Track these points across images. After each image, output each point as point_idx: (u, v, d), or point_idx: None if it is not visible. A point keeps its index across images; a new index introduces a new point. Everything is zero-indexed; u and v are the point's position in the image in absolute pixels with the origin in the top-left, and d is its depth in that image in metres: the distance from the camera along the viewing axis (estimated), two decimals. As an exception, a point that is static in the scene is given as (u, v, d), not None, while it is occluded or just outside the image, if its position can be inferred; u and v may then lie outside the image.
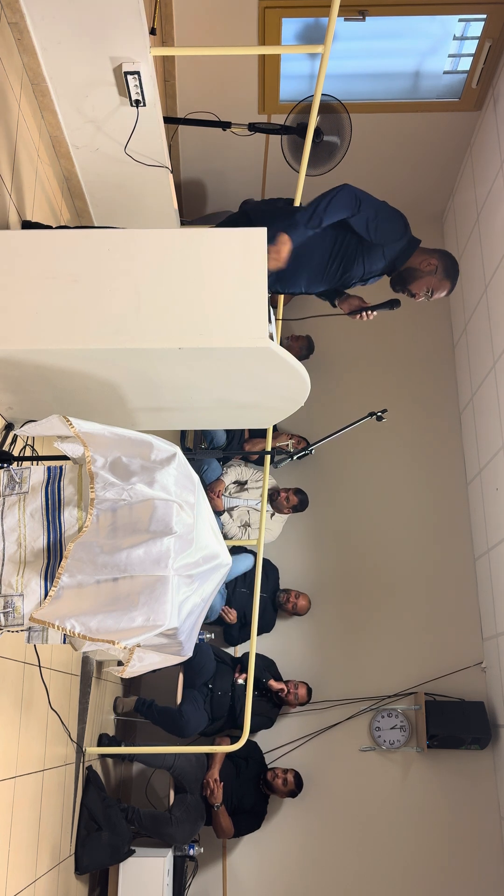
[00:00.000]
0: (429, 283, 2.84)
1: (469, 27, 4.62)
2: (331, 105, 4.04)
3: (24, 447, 2.84)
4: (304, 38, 4.70)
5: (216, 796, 4.22)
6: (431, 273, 2.83)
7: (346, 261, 2.85)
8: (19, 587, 2.05)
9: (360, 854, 4.69)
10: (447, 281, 2.86)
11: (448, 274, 2.86)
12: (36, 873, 2.93)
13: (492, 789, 4.76)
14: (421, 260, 2.85)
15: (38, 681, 2.92)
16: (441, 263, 2.85)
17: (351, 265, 2.85)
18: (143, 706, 4.34)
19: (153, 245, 2.40)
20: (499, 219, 4.74)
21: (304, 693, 4.66)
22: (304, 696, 4.67)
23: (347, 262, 2.85)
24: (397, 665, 5.01)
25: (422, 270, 2.84)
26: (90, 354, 2.35)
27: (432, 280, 2.84)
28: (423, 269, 2.84)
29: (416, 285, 2.86)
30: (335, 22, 2.84)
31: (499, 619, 4.73)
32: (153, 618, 1.92)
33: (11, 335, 2.31)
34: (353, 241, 2.82)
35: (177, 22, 4.49)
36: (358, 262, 2.85)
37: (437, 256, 2.87)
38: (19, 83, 3.02)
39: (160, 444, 2.17)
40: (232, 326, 2.34)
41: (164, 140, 3.43)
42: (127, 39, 2.91)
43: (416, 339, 5.80)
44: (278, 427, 5.25)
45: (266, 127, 4.24)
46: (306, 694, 4.67)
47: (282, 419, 3.08)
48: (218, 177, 5.60)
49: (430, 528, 5.34)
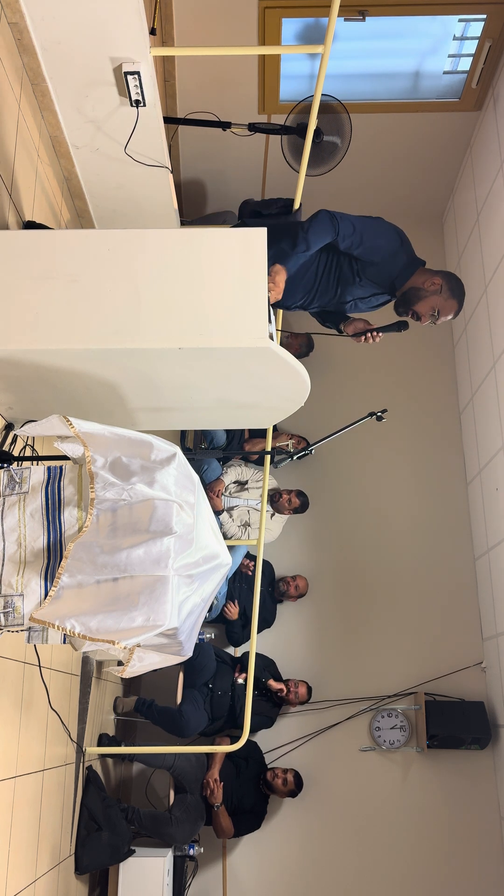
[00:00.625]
0: (434, 304, 2.77)
1: (469, 27, 4.62)
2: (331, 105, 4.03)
3: (24, 447, 2.84)
4: (304, 38, 4.70)
5: (216, 796, 4.22)
6: (436, 293, 2.76)
7: (341, 279, 2.82)
8: (19, 587, 2.05)
9: (360, 854, 4.69)
10: (453, 300, 2.78)
11: (454, 293, 2.78)
12: (36, 873, 2.94)
13: (492, 789, 4.77)
14: (424, 280, 2.79)
15: (38, 681, 2.92)
16: (446, 283, 2.78)
17: (348, 283, 2.82)
18: (143, 706, 4.35)
19: (153, 245, 2.40)
20: (499, 219, 4.74)
21: (304, 692, 4.66)
22: (305, 695, 4.67)
23: (343, 279, 2.82)
24: (397, 665, 5.01)
25: (426, 290, 2.77)
26: (90, 354, 2.35)
27: (437, 300, 2.76)
28: (427, 288, 2.77)
29: (421, 306, 2.78)
30: (335, 22, 2.83)
31: (499, 619, 4.73)
32: (153, 618, 1.92)
33: (11, 335, 2.31)
34: (346, 259, 2.80)
35: (177, 22, 4.49)
36: (354, 280, 2.81)
37: (442, 276, 2.80)
38: (19, 83, 3.02)
39: (160, 444, 2.17)
40: (232, 326, 2.34)
41: (164, 140, 3.43)
42: (127, 39, 2.91)
43: (416, 340, 5.80)
44: (278, 427, 5.25)
45: (266, 127, 4.24)
46: (306, 692, 4.68)
47: (282, 419, 3.08)
48: (218, 177, 5.60)
49: (430, 528, 5.34)
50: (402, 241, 2.81)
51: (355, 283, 2.83)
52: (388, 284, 2.83)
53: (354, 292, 2.87)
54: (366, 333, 2.89)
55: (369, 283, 2.84)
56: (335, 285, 2.84)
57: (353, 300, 2.91)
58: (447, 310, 2.79)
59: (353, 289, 2.86)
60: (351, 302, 2.92)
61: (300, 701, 4.67)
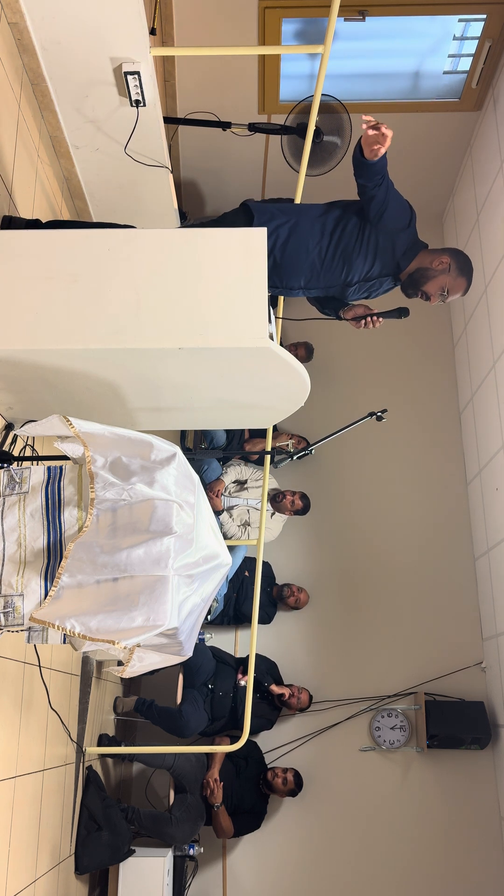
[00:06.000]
0: (443, 283, 2.71)
1: (469, 27, 4.62)
2: (331, 105, 4.04)
3: (24, 447, 2.84)
4: (304, 38, 4.70)
5: (216, 796, 4.22)
6: (444, 272, 2.71)
7: (345, 253, 2.76)
8: (19, 587, 2.05)
9: (359, 854, 4.69)
10: (462, 278, 2.73)
11: (462, 271, 2.73)
12: (36, 873, 2.94)
13: (492, 789, 4.76)
14: (431, 259, 2.74)
15: (38, 681, 2.92)
16: (454, 261, 2.73)
17: (351, 258, 2.75)
18: (143, 706, 4.35)
19: (153, 245, 2.39)
20: (499, 219, 4.74)
21: (305, 699, 4.70)
22: (306, 702, 4.71)
23: (346, 253, 2.75)
24: (397, 665, 5.01)
25: (434, 269, 2.71)
26: (90, 354, 2.34)
27: (447, 279, 2.71)
28: (435, 267, 2.71)
29: (430, 286, 2.72)
30: (335, 22, 2.84)
31: (499, 619, 4.73)
32: (153, 618, 1.92)
33: (11, 335, 2.30)
34: (352, 233, 2.75)
35: (177, 22, 4.49)
36: (358, 255, 2.75)
37: (449, 254, 2.75)
38: (19, 83, 3.02)
39: (160, 444, 2.17)
40: (232, 326, 2.34)
41: (164, 140, 3.43)
42: (127, 39, 2.91)
43: (416, 340, 5.80)
44: (278, 427, 5.25)
45: (266, 127, 4.24)
46: (308, 700, 4.72)
47: (282, 419, 3.08)
48: (218, 177, 5.60)
49: (430, 528, 5.34)
50: (413, 218, 2.78)
51: (359, 257, 2.77)
52: (393, 264, 2.79)
53: (360, 270, 2.81)
54: (366, 318, 2.85)
55: (375, 259, 2.77)
56: (341, 263, 2.78)
57: (358, 282, 2.84)
58: (457, 288, 2.75)
59: (358, 266, 2.80)
60: (355, 286, 2.86)
61: (301, 707, 4.69)
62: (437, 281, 2.72)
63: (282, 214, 2.78)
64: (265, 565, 5.09)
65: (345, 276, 2.81)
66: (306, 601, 5.06)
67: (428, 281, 2.73)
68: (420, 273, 2.75)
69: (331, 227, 2.77)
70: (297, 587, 5.02)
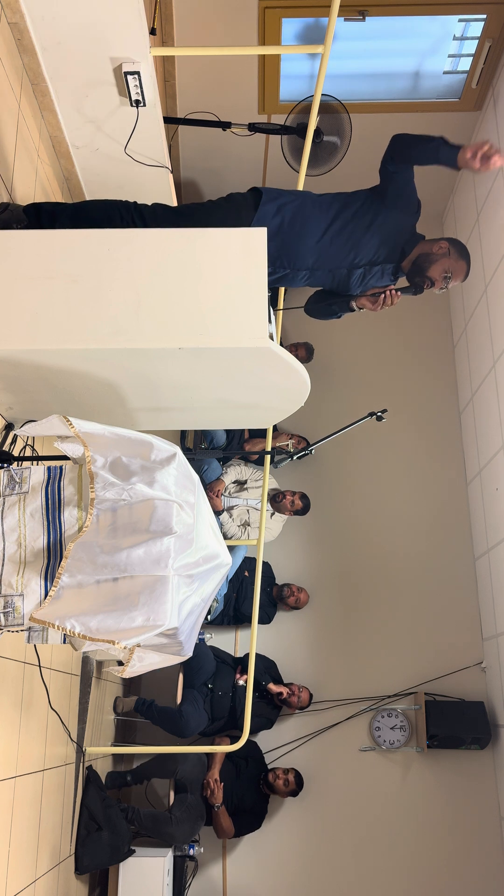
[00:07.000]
0: (445, 266, 2.82)
1: (469, 27, 4.63)
2: (331, 105, 4.04)
3: (24, 447, 2.84)
4: (304, 38, 4.70)
5: (216, 796, 4.22)
6: (445, 255, 2.82)
7: (353, 234, 2.81)
8: (19, 587, 2.05)
9: (360, 854, 4.69)
10: (462, 261, 2.85)
11: (462, 255, 2.85)
12: (36, 873, 2.94)
13: (492, 789, 4.76)
14: (431, 245, 2.86)
15: (38, 681, 2.92)
16: (452, 245, 2.86)
17: (359, 240, 2.81)
18: (143, 706, 4.35)
19: (153, 245, 2.39)
20: (499, 219, 4.74)
21: (306, 697, 4.70)
22: (306, 701, 4.70)
23: (355, 235, 2.81)
24: (397, 665, 5.01)
25: (435, 254, 2.83)
26: (90, 354, 2.34)
27: (448, 262, 2.82)
28: (436, 252, 2.83)
29: (434, 269, 2.83)
30: (335, 22, 2.84)
31: (499, 619, 4.73)
32: (153, 618, 1.92)
33: (11, 335, 2.30)
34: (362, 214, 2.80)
35: (177, 22, 4.49)
36: (365, 236, 2.81)
37: (445, 240, 2.88)
38: (19, 83, 3.02)
39: (160, 444, 2.17)
40: (232, 326, 2.34)
41: (163, 140, 3.43)
42: (127, 39, 2.91)
43: (416, 340, 5.80)
44: (278, 427, 5.25)
45: (266, 127, 4.24)
46: (308, 699, 4.72)
47: (282, 419, 3.08)
48: (218, 177, 5.60)
49: (430, 528, 5.34)
50: (418, 204, 2.88)
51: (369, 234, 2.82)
52: (398, 251, 2.87)
53: (367, 253, 2.85)
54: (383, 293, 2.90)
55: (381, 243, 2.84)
56: (349, 244, 2.83)
57: (364, 266, 2.88)
58: (458, 271, 2.86)
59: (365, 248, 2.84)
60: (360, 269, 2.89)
61: (301, 706, 4.69)
62: (440, 264, 2.82)
63: (290, 194, 2.86)
64: (265, 565, 5.09)
65: (352, 258, 2.86)
66: (306, 601, 5.06)
67: (431, 265, 2.83)
68: (423, 258, 2.85)
69: (339, 207, 2.84)
70: (296, 587, 5.02)
